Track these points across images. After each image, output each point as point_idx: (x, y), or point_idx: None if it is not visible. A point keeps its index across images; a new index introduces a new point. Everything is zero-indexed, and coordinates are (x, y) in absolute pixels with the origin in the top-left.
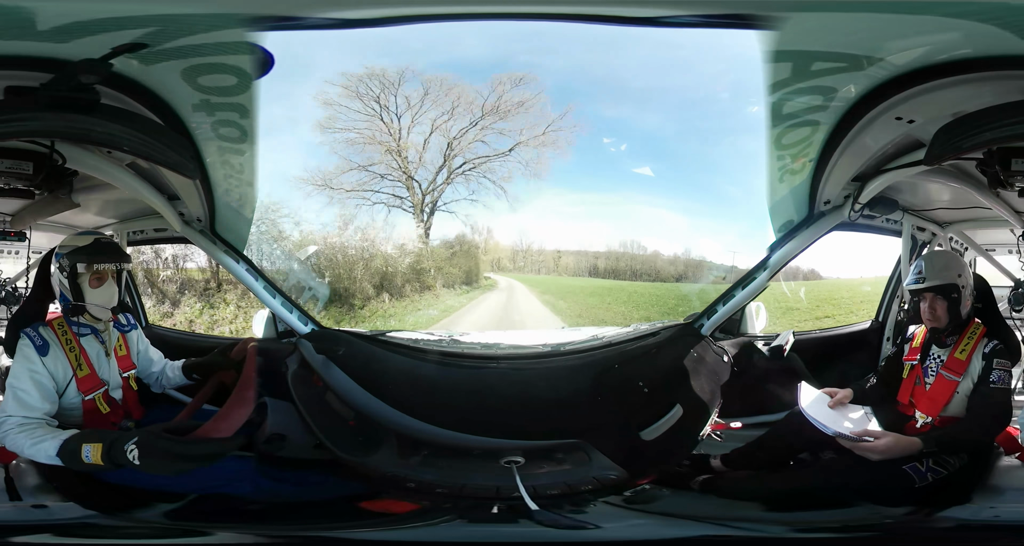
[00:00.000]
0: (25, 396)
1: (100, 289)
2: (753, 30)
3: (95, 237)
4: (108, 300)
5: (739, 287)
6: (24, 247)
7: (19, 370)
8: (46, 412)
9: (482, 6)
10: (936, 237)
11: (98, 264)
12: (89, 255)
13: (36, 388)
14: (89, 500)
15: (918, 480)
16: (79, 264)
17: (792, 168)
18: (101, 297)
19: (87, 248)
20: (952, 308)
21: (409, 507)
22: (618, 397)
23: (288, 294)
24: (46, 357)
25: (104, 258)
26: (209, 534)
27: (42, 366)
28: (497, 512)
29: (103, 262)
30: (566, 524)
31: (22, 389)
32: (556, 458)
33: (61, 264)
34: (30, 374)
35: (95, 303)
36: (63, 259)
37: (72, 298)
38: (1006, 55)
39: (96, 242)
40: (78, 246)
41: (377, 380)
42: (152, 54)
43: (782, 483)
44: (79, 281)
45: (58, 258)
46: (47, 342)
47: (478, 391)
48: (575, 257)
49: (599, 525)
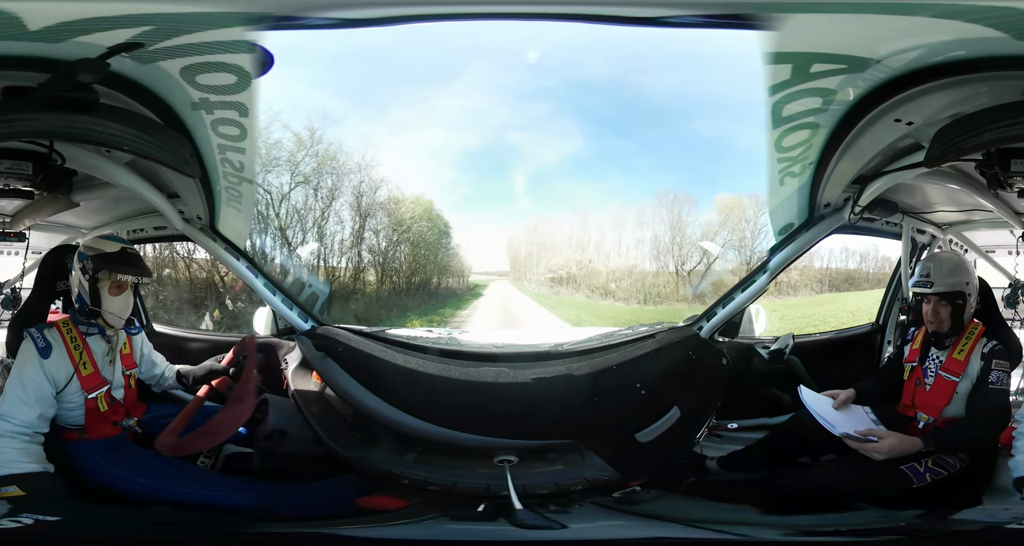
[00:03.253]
0: (22, 394)
1: (118, 298)
2: (753, 30)
3: (123, 246)
4: (124, 310)
5: (739, 290)
6: (23, 248)
7: (19, 370)
8: (40, 414)
9: (482, 6)
10: (936, 239)
11: (122, 275)
12: (115, 265)
13: (31, 389)
14: (90, 501)
15: (916, 481)
16: (102, 271)
17: (792, 171)
18: (118, 306)
19: (114, 256)
20: (956, 314)
21: (399, 504)
22: (615, 398)
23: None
24: (48, 360)
25: (129, 270)
26: (207, 533)
27: (41, 368)
28: (482, 511)
29: (127, 274)
30: (544, 524)
31: (20, 388)
32: (549, 458)
33: (84, 266)
34: (28, 375)
35: (111, 311)
36: (87, 261)
37: (90, 302)
38: (1004, 56)
39: (123, 252)
40: (105, 252)
41: (376, 377)
42: (150, 53)
43: (777, 486)
44: (99, 286)
45: (81, 259)
46: (50, 344)
47: (475, 390)
48: None
49: (581, 525)
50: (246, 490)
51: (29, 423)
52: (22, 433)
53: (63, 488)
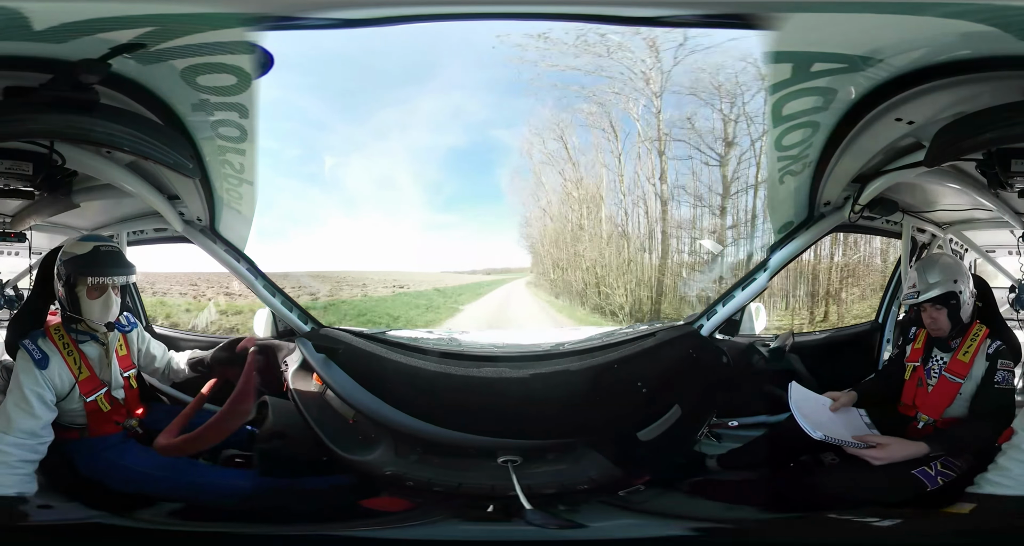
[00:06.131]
0: (24, 406)
1: (98, 301)
2: (753, 30)
3: (95, 244)
4: (104, 314)
5: (739, 288)
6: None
7: (18, 383)
8: (43, 424)
9: (482, 6)
10: (936, 238)
11: (94, 277)
12: (87, 267)
13: (33, 401)
14: (93, 500)
15: (929, 485)
16: (77, 274)
17: (792, 169)
18: (97, 310)
19: (85, 258)
20: (953, 314)
21: (406, 505)
22: (616, 397)
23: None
24: (46, 370)
25: (103, 272)
26: (209, 533)
27: (40, 380)
28: (492, 511)
29: (100, 276)
30: (558, 524)
31: (21, 401)
32: (552, 457)
33: (59, 272)
34: (27, 387)
35: (90, 317)
36: (62, 266)
37: (69, 308)
38: (1005, 56)
39: (95, 251)
40: (76, 254)
41: (377, 379)
42: (151, 54)
43: (783, 486)
44: (76, 291)
45: (58, 265)
46: (46, 355)
47: (477, 390)
48: None
49: (592, 524)
50: (248, 490)
51: (32, 432)
52: (24, 443)
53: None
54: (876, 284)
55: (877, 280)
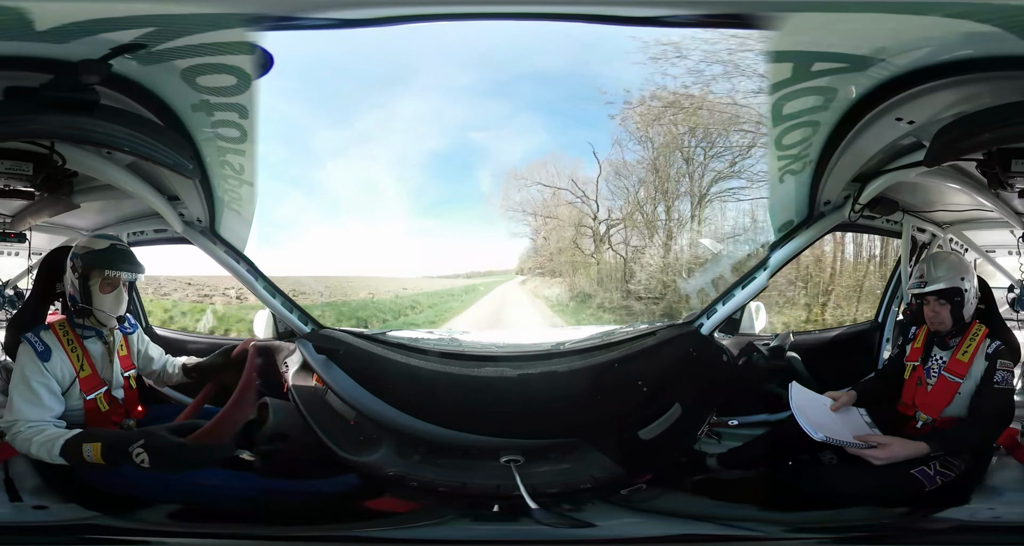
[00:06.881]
0: (32, 399)
1: (110, 296)
2: (753, 30)
3: (112, 242)
4: (116, 307)
5: (739, 287)
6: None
7: (23, 375)
8: (53, 414)
9: (482, 6)
10: (936, 238)
11: (111, 271)
12: (104, 261)
13: (41, 392)
14: (90, 501)
15: (928, 484)
16: (91, 268)
17: (792, 168)
18: (110, 304)
19: (103, 253)
20: (955, 311)
21: (411, 506)
22: (617, 396)
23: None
24: (48, 362)
25: (118, 266)
26: (210, 534)
27: (45, 371)
28: (498, 511)
29: (117, 270)
30: (565, 523)
31: (28, 393)
32: (555, 457)
33: (74, 264)
34: (34, 379)
35: (102, 309)
36: (77, 260)
37: (81, 300)
38: (1006, 56)
39: (111, 248)
40: (94, 249)
41: (377, 379)
42: (151, 54)
43: (783, 484)
44: (90, 284)
45: (73, 258)
46: (48, 347)
47: (478, 390)
48: None
49: (597, 523)
50: (250, 491)
51: (43, 420)
52: (47, 421)
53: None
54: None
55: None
